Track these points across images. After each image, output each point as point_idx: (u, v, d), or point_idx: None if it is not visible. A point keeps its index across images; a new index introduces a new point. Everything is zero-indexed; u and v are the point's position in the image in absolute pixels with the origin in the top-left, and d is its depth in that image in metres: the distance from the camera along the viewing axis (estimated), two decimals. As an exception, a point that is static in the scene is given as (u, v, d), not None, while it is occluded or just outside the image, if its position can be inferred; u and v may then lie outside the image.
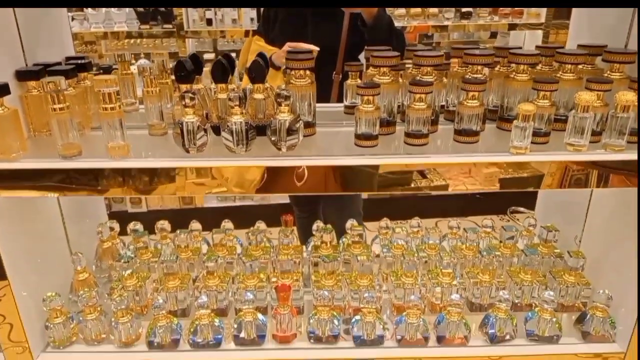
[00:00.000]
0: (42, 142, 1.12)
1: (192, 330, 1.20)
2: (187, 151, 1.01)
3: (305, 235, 1.56)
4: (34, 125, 1.15)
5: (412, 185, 3.22)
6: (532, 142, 0.99)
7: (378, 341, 1.20)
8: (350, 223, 1.44)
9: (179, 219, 1.56)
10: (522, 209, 3.08)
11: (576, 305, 1.27)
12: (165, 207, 3.27)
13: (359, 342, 1.20)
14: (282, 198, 3.06)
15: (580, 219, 1.36)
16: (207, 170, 0.99)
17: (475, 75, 1.09)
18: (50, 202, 1.31)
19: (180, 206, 3.29)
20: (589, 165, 0.98)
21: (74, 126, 1.02)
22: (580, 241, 1.34)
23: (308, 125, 1.10)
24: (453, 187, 3.35)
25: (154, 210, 3.26)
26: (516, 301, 1.27)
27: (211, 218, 1.57)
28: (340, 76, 1.83)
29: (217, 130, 1.06)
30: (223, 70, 1.07)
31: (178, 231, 1.42)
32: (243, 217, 1.49)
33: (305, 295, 1.36)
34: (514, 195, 3.56)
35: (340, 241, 1.47)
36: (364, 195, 3.27)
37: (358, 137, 1.05)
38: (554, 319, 1.17)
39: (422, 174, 3.10)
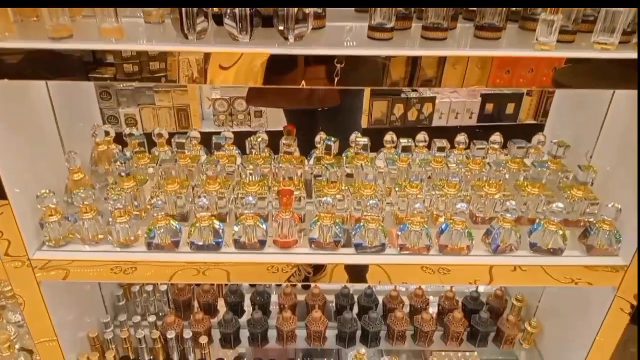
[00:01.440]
0: (29, 26, 1.04)
1: (192, 232, 1.17)
2: (186, 37, 0.94)
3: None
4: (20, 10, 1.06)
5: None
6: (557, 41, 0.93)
7: (379, 248, 1.19)
8: (355, 134, 1.39)
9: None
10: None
11: (582, 221, 1.25)
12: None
13: (360, 249, 1.19)
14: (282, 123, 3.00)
15: (593, 135, 1.31)
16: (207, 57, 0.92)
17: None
18: (43, 105, 1.24)
19: (176, 129, 3.22)
20: (614, 64, 0.92)
21: (64, 11, 0.93)
22: (591, 157, 1.30)
23: (317, 16, 1.02)
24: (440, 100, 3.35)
25: (148, 134, 3.18)
26: (521, 214, 1.26)
27: (208, 141, 1.50)
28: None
29: (219, 19, 0.99)
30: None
31: (176, 136, 1.36)
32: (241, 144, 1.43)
33: (307, 205, 1.34)
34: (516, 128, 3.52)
35: (344, 154, 1.42)
36: (364, 124, 3.23)
37: (372, 28, 0.97)
38: (560, 231, 1.15)
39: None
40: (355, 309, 1.65)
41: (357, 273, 1.19)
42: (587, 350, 1.34)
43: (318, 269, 1.19)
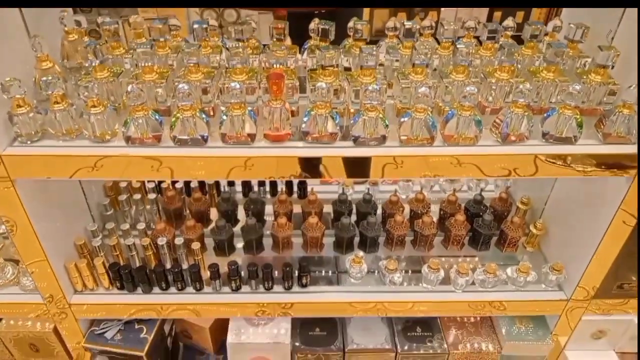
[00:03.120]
0: None
1: (174, 124, 1.07)
2: None
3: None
4: None
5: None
6: None
7: (379, 140, 1.09)
8: (353, 20, 1.25)
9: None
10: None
11: (598, 110, 1.15)
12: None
13: (359, 141, 1.10)
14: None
15: (615, 18, 1.18)
16: None
17: None
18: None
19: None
20: None
21: None
22: (612, 38, 1.18)
23: None
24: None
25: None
26: (534, 104, 1.15)
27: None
28: None
29: None
30: None
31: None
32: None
33: (301, 100, 1.23)
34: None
35: (341, 45, 1.30)
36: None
37: None
38: (576, 117, 1.06)
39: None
40: (354, 217, 1.59)
41: (356, 167, 1.10)
42: (591, 255, 1.29)
43: (313, 165, 1.11)
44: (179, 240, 1.41)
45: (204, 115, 1.08)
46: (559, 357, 1.54)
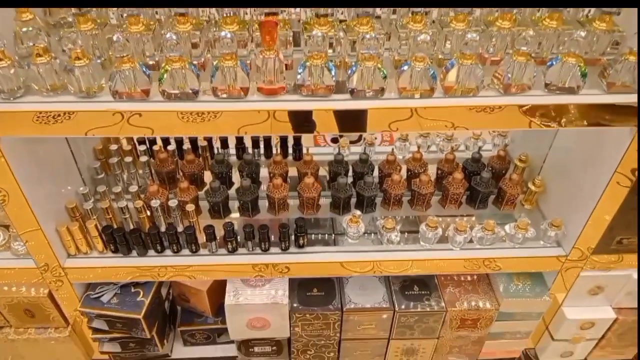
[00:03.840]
0: None
1: (162, 77, 1.03)
2: None
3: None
4: None
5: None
6: None
7: (377, 92, 1.06)
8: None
9: None
10: None
11: (601, 60, 1.12)
12: None
13: (356, 94, 1.06)
14: None
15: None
16: None
17: None
18: None
19: None
20: None
21: None
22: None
23: None
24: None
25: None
26: (535, 55, 1.12)
27: None
28: None
29: None
30: None
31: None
32: None
33: (295, 54, 1.18)
34: None
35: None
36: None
37: None
38: (580, 65, 1.02)
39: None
40: (351, 179, 1.57)
41: (352, 120, 1.07)
42: (591, 211, 1.28)
43: (308, 119, 1.07)
44: (172, 203, 1.39)
45: (193, 68, 1.04)
46: (557, 314, 1.55)
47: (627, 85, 1.05)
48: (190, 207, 1.38)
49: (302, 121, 1.06)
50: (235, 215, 1.52)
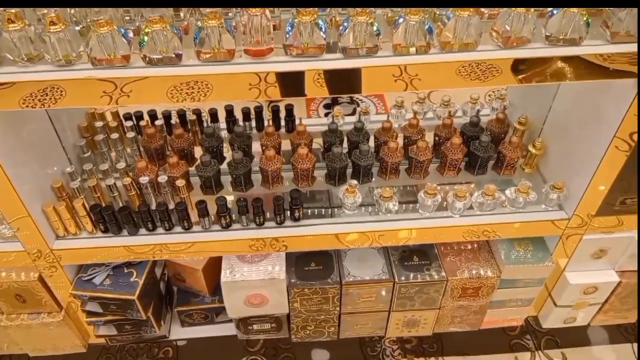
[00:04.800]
0: None
1: (143, 40, 0.97)
2: None
3: None
4: None
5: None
6: None
7: (371, 50, 1.00)
8: None
9: None
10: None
11: (603, 11, 1.07)
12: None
13: (348, 52, 1.01)
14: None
15: None
16: None
17: None
18: None
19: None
20: None
21: None
22: None
23: None
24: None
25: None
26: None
27: None
28: None
29: None
30: None
31: None
32: None
33: (282, 14, 1.13)
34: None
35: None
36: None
37: None
38: (582, 13, 0.97)
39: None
40: (345, 150, 1.52)
41: (345, 81, 1.02)
42: (593, 172, 1.24)
43: (298, 81, 1.02)
44: (162, 179, 1.34)
45: (176, 30, 0.98)
46: (559, 279, 1.53)
47: (631, 34, 1.00)
48: (180, 183, 1.33)
49: (292, 84, 1.01)
50: (227, 190, 1.47)
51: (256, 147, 1.55)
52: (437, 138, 1.49)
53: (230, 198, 1.39)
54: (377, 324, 1.63)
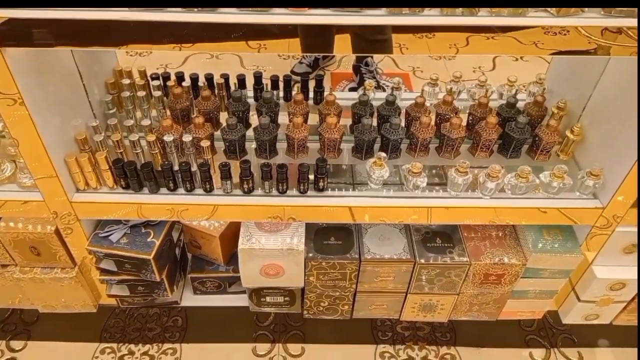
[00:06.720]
0: None
1: (183, -17, 0.94)
2: None
3: None
4: None
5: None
6: None
7: (417, 9, 0.97)
8: None
9: None
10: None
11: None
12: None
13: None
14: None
15: None
16: None
17: None
18: None
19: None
20: None
21: None
22: None
23: None
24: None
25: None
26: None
27: None
28: None
29: None
30: None
31: None
32: None
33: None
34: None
35: None
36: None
37: None
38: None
39: None
40: (375, 123, 1.48)
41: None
42: (632, 164, 1.19)
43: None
44: (186, 138, 1.31)
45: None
46: (585, 272, 1.47)
47: (694, 10, 0.95)
48: (205, 143, 1.30)
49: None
50: (251, 156, 1.44)
51: (283, 117, 1.52)
52: (471, 118, 1.44)
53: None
54: (393, 306, 1.59)
